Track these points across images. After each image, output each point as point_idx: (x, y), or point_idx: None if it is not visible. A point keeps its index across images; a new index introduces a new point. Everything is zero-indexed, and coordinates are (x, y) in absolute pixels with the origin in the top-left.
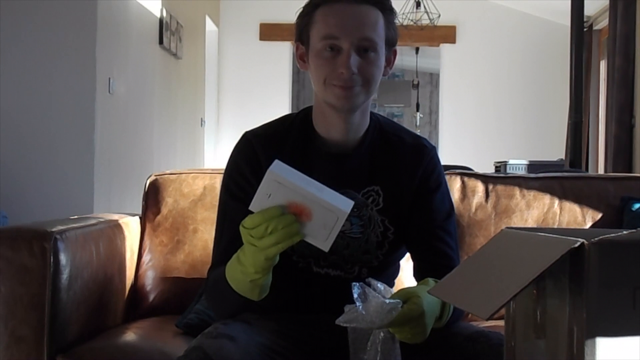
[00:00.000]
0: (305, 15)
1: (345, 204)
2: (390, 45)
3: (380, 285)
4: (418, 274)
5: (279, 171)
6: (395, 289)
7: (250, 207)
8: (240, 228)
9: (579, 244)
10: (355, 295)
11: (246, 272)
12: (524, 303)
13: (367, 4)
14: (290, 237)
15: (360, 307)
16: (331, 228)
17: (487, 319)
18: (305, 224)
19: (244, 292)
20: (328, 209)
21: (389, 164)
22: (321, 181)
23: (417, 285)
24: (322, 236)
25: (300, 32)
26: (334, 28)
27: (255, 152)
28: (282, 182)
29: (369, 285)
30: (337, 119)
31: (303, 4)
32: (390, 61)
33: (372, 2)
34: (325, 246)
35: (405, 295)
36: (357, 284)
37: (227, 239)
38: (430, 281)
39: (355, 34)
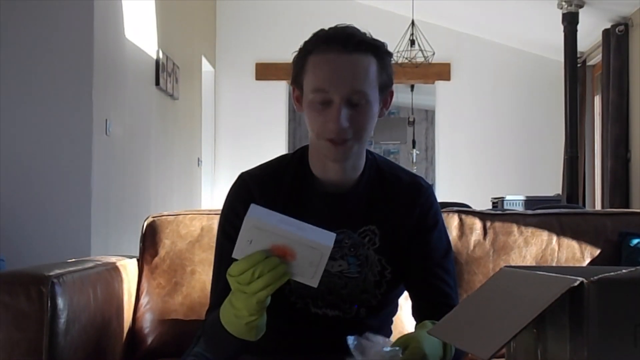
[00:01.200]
0: (299, 61)
1: (327, 239)
2: (385, 89)
3: (378, 337)
4: (417, 313)
5: (256, 216)
6: (394, 328)
7: (234, 255)
8: (227, 276)
9: (578, 282)
10: (352, 348)
11: (240, 316)
12: (524, 342)
13: (359, 51)
14: (278, 279)
15: (360, 359)
16: (317, 264)
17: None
18: (290, 263)
19: (240, 334)
20: (311, 247)
21: (385, 203)
22: (318, 221)
23: (416, 329)
24: (309, 273)
25: (294, 77)
26: (324, 81)
27: (251, 193)
28: (261, 227)
29: (366, 338)
30: (332, 162)
31: (298, 44)
32: (386, 102)
33: (365, 48)
34: (313, 282)
35: (405, 341)
36: (352, 337)
37: (224, 281)
38: (429, 324)
39: (345, 87)
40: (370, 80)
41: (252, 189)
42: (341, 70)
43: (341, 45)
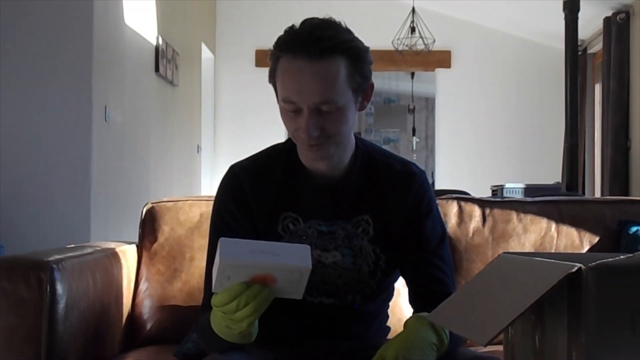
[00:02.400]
0: (272, 61)
1: (304, 259)
2: (360, 88)
3: None
4: (414, 301)
5: (229, 255)
6: (392, 314)
7: (214, 290)
8: (212, 305)
9: (576, 268)
10: None
11: (232, 328)
12: (522, 328)
13: (328, 57)
14: (263, 304)
15: None
16: (298, 282)
17: (486, 345)
18: (272, 286)
19: (234, 340)
20: (290, 270)
21: (378, 193)
22: (310, 213)
23: (410, 319)
24: (292, 290)
25: (269, 75)
26: (291, 93)
27: (241, 187)
28: (236, 264)
29: None
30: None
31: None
32: (366, 96)
33: (334, 52)
34: (298, 296)
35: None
36: None
37: None
38: (422, 320)
39: (313, 98)
40: (340, 86)
41: (242, 182)
42: (307, 81)
43: (307, 53)
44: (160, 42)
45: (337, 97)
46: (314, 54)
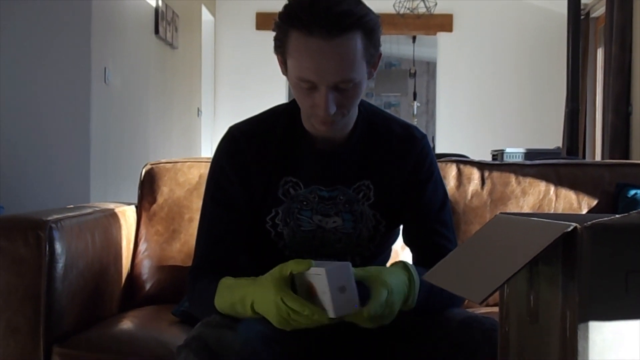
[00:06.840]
0: (281, 30)
1: (339, 279)
2: (373, 59)
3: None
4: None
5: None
6: None
7: (337, 315)
8: (286, 303)
9: (571, 228)
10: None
11: (247, 314)
12: (517, 288)
13: (345, 33)
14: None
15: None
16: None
17: (481, 304)
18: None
19: (238, 317)
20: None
21: (379, 157)
22: (311, 179)
23: (386, 267)
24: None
25: (277, 45)
26: (309, 72)
27: (240, 150)
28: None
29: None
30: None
31: None
32: (375, 65)
33: (351, 27)
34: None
35: (372, 280)
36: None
37: (206, 244)
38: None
39: (332, 77)
40: (358, 62)
41: (241, 145)
42: (326, 60)
43: (325, 31)
44: (160, 3)
45: (355, 74)
46: (332, 32)
